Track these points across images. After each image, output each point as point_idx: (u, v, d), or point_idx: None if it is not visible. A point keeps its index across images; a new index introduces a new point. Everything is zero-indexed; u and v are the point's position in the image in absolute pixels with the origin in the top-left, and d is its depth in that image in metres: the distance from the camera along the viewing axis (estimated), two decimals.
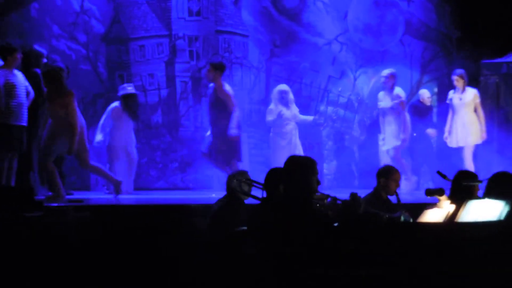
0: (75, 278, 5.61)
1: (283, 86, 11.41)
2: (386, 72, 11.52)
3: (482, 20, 12.20)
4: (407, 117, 11.46)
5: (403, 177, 9.27)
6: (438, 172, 7.27)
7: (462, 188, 6.08)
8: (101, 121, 11.17)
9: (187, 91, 12.81)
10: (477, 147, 11.44)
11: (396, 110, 11.34)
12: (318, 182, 5.40)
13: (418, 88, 13.02)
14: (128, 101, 11.03)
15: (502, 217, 4.98)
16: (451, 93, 11.49)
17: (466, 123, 11.30)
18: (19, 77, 9.57)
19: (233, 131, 10.43)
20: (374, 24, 13.05)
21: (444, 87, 12.43)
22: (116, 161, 11.01)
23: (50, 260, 5.95)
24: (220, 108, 10.51)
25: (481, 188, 6.11)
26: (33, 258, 5.95)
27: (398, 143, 11.36)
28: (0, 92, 9.32)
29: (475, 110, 11.33)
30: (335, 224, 5.20)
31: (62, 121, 9.51)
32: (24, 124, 9.56)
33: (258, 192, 6.27)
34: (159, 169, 12.71)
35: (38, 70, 10.22)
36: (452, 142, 11.45)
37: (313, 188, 5.34)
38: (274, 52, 12.90)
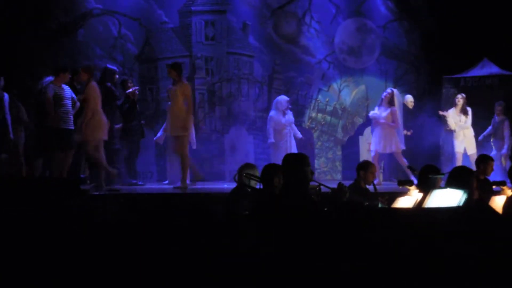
0: (111, 257, 5.49)
1: (282, 97, 11.22)
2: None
3: (445, 42, 12.12)
4: None
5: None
6: (408, 167, 7.20)
7: (428, 180, 6.01)
8: None
9: (204, 101, 12.78)
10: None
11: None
12: (312, 172, 5.34)
13: None
14: None
15: (461, 204, 4.94)
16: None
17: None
18: (67, 90, 9.53)
19: None
20: (356, 47, 12.96)
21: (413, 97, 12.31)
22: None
23: (90, 240, 5.84)
24: None
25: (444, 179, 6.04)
26: (76, 238, 5.85)
27: None
28: (50, 101, 9.28)
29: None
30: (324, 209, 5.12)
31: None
32: (71, 127, 9.50)
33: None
34: None
35: (109, 84, 10.31)
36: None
37: (308, 177, 5.23)
38: (275, 69, 12.87)
